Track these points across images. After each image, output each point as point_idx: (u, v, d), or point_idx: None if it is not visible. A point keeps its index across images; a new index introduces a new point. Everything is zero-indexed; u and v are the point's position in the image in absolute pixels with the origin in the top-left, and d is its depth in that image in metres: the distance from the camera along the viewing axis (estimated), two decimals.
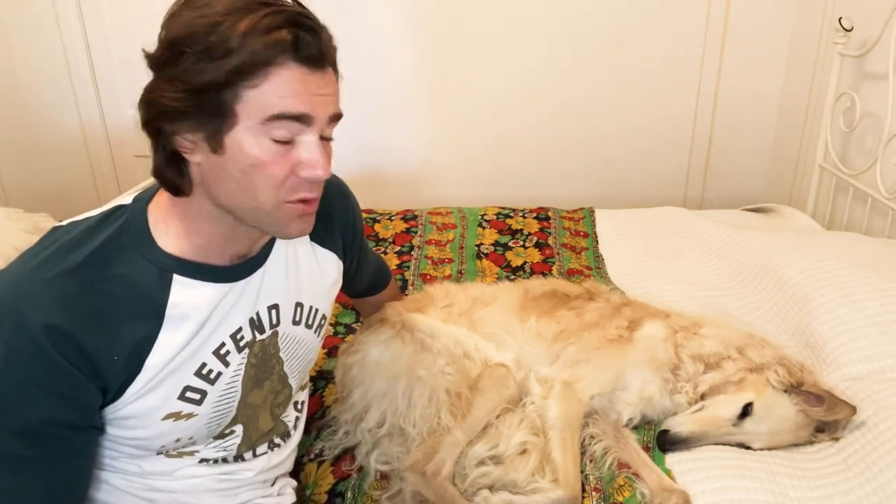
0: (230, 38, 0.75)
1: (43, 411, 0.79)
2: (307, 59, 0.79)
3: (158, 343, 0.86)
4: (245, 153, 0.79)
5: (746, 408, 1.28)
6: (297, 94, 0.78)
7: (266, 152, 0.79)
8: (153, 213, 0.89)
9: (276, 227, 0.87)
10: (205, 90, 0.76)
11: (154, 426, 0.89)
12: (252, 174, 0.80)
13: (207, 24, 0.75)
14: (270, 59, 0.76)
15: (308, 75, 0.79)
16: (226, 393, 0.95)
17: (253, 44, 0.75)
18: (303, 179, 0.82)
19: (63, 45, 2.59)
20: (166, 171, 0.84)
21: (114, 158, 2.79)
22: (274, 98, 0.78)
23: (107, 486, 0.95)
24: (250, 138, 0.79)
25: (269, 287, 0.98)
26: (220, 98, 0.77)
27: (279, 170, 0.81)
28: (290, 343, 1.04)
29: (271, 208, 0.83)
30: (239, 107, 0.77)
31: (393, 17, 2.52)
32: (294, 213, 0.85)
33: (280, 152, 0.80)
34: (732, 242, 1.94)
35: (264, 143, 0.79)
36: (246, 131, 0.79)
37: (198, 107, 0.77)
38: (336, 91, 0.84)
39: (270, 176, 0.81)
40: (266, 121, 0.78)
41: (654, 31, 2.51)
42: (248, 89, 0.77)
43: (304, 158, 0.81)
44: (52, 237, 0.86)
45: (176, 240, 0.88)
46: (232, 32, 0.75)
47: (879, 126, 1.96)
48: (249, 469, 1.05)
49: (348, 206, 1.15)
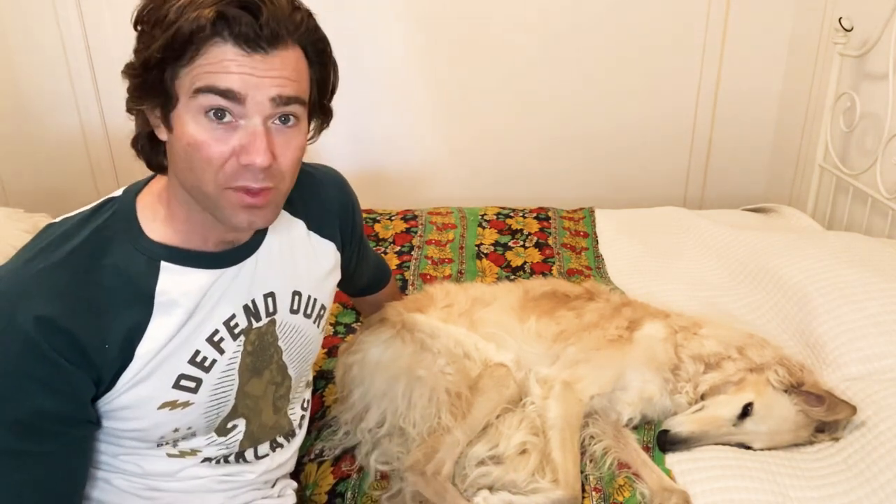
0: (168, 15, 0.76)
1: (36, 404, 0.79)
2: (242, 38, 0.76)
3: (149, 330, 0.86)
4: (184, 132, 0.79)
5: (746, 408, 1.28)
6: (227, 70, 0.76)
7: (202, 131, 0.78)
8: (142, 202, 0.90)
9: (222, 215, 0.84)
10: (147, 67, 0.78)
11: (150, 416, 0.89)
12: (191, 154, 0.79)
13: (160, 1, 0.77)
14: (197, 36, 0.75)
15: (242, 55, 0.77)
16: (222, 381, 0.95)
17: (182, 20, 0.75)
18: (241, 167, 0.79)
19: (63, 45, 2.58)
20: (142, 144, 0.86)
21: (114, 158, 2.79)
22: (203, 73, 0.76)
23: (107, 485, 0.95)
24: (187, 116, 0.78)
25: (264, 274, 0.98)
26: (161, 76, 0.78)
27: (215, 152, 0.78)
28: (289, 332, 1.04)
29: (212, 193, 0.81)
30: (177, 84, 0.78)
31: (392, 17, 2.52)
32: (237, 203, 0.82)
33: (217, 134, 0.78)
34: (732, 242, 1.94)
35: (201, 121, 0.78)
36: (185, 110, 0.78)
37: (145, 84, 0.79)
38: (288, 75, 0.80)
39: (206, 158, 0.79)
40: (194, 93, 0.77)
41: (655, 31, 2.51)
42: (183, 67, 0.77)
43: (242, 143, 0.79)
44: (45, 233, 0.87)
45: (163, 227, 0.89)
46: (171, 9, 0.75)
47: (879, 126, 1.96)
48: (252, 471, 1.05)
49: (345, 197, 1.15)
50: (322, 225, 1.09)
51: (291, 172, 0.85)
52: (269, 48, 0.78)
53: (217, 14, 0.75)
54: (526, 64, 2.58)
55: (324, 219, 1.09)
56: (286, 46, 0.79)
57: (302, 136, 0.85)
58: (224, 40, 0.76)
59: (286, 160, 0.83)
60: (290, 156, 0.83)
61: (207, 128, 0.78)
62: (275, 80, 0.78)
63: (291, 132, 0.83)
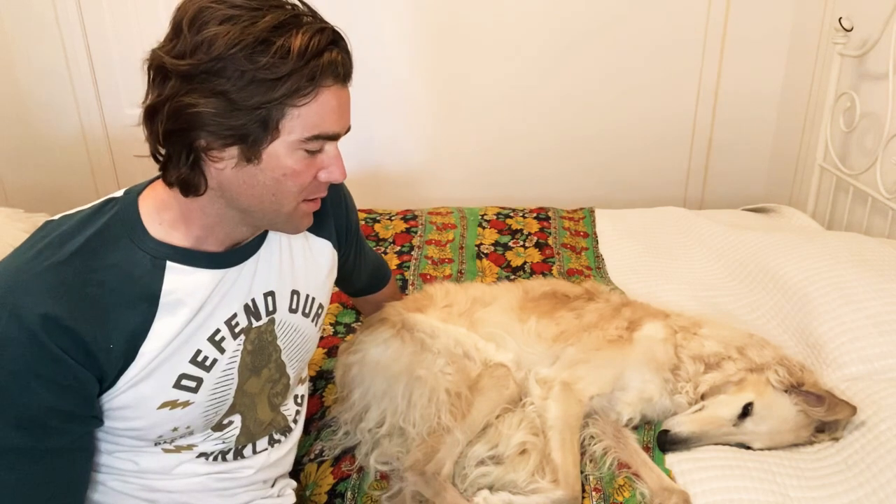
0: (285, 60, 0.77)
1: (41, 401, 0.79)
2: (344, 77, 0.84)
3: (154, 330, 0.86)
4: (281, 164, 0.84)
5: (746, 408, 1.28)
6: (334, 112, 0.84)
7: (298, 163, 0.85)
8: (144, 203, 0.90)
9: (289, 226, 0.93)
10: (255, 108, 0.79)
11: (149, 415, 0.89)
12: (284, 182, 0.85)
13: (254, 41, 0.76)
14: (321, 81, 0.81)
15: (341, 91, 0.85)
16: (222, 380, 0.96)
17: (309, 66, 0.79)
18: (321, 182, 0.89)
19: (63, 45, 2.58)
20: (185, 175, 0.84)
21: (114, 158, 2.79)
22: (316, 118, 0.82)
23: (104, 487, 0.95)
24: (287, 151, 0.83)
25: (264, 274, 0.99)
26: (267, 115, 0.80)
27: (307, 177, 0.87)
28: (288, 331, 1.05)
29: (290, 210, 0.89)
30: (283, 123, 0.81)
31: (392, 17, 2.52)
32: (306, 212, 0.93)
33: (308, 162, 0.86)
34: (732, 242, 1.94)
35: (299, 155, 0.84)
36: (285, 145, 0.83)
37: (243, 122, 0.79)
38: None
39: (299, 183, 0.86)
40: (306, 140, 0.83)
41: (654, 30, 2.51)
42: (294, 108, 0.81)
43: (326, 165, 0.88)
44: (43, 231, 0.87)
45: (170, 230, 0.89)
46: (286, 53, 0.77)
47: (879, 126, 1.96)
48: (249, 467, 1.05)
49: (339, 194, 1.16)
50: (317, 224, 1.09)
51: None
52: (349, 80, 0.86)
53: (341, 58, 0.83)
54: (526, 64, 2.58)
55: (319, 217, 1.09)
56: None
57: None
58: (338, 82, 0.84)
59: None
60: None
61: (302, 158, 0.85)
62: (349, 111, 0.88)
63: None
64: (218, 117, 0.78)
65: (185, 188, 0.85)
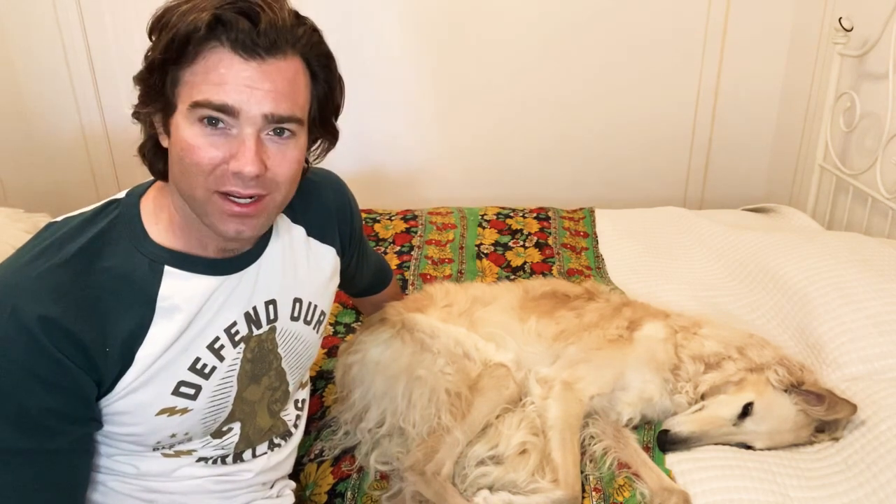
0: (171, 19, 0.77)
1: (40, 403, 0.79)
2: (240, 44, 0.76)
3: (150, 335, 0.86)
4: (180, 137, 0.80)
5: (747, 408, 1.28)
6: (223, 81, 0.77)
7: (195, 136, 0.79)
8: (145, 205, 0.90)
9: (210, 222, 0.84)
10: (151, 69, 0.79)
11: (148, 422, 0.89)
12: (184, 158, 0.80)
13: (170, 7, 0.78)
14: (194, 38, 0.76)
15: (239, 62, 0.77)
16: (221, 388, 0.95)
17: (181, 22, 0.76)
18: (231, 172, 0.80)
19: (63, 45, 2.58)
20: (147, 151, 0.87)
21: (114, 158, 2.79)
22: (201, 83, 0.77)
23: (104, 487, 0.95)
24: (184, 123, 0.79)
25: (266, 282, 0.98)
26: (163, 81, 0.79)
27: (205, 156, 0.79)
28: (289, 339, 1.04)
29: (201, 197, 0.82)
30: (177, 91, 0.79)
31: (392, 17, 2.52)
32: (225, 210, 0.82)
33: (211, 140, 0.79)
34: (732, 242, 1.94)
35: (195, 128, 0.79)
36: (182, 116, 0.80)
37: (149, 89, 0.80)
38: (282, 88, 0.80)
39: (197, 161, 0.79)
40: (191, 107, 0.78)
41: (655, 30, 2.51)
42: (183, 71, 0.78)
43: (232, 151, 0.79)
44: (46, 232, 0.87)
45: (166, 231, 0.89)
46: (175, 13, 0.77)
47: (879, 126, 1.96)
48: (248, 470, 1.05)
49: (345, 200, 1.15)
50: (321, 230, 1.08)
51: (287, 184, 0.86)
52: (267, 55, 0.78)
53: (214, 17, 0.76)
54: (526, 64, 2.58)
55: (323, 224, 1.09)
56: (284, 56, 0.80)
57: (298, 149, 0.85)
58: (222, 45, 0.77)
59: (281, 171, 0.83)
60: (285, 167, 0.84)
61: (201, 133, 0.79)
62: (268, 93, 0.79)
63: (287, 144, 0.83)
64: (140, 83, 0.82)
65: (153, 169, 0.88)
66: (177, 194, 0.86)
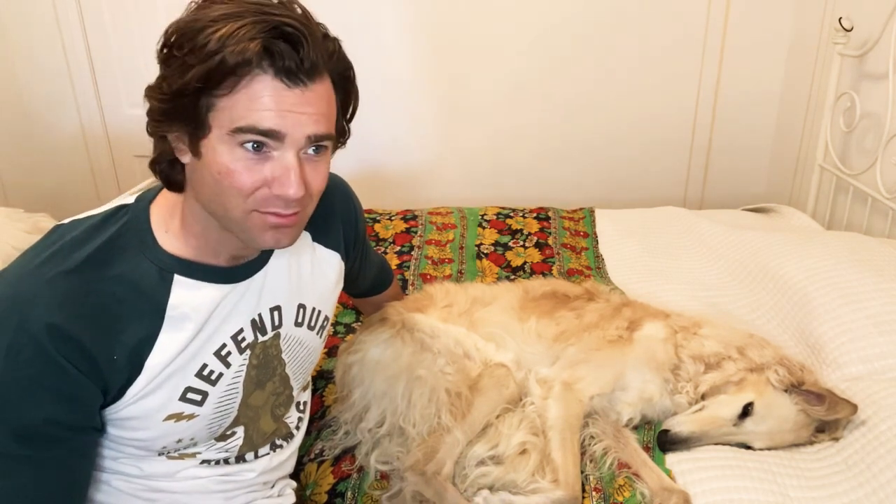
0: (208, 44, 0.74)
1: (43, 411, 0.79)
2: (284, 71, 0.76)
3: (159, 343, 0.86)
4: (216, 160, 0.79)
5: (747, 408, 1.28)
6: (267, 108, 0.76)
7: (235, 162, 0.78)
8: (155, 212, 0.89)
9: (246, 236, 0.85)
10: (181, 95, 0.76)
11: (155, 427, 0.89)
12: (221, 181, 0.79)
13: (196, 28, 0.75)
14: (241, 69, 0.75)
15: (283, 90, 0.77)
16: (227, 394, 0.95)
17: (226, 52, 0.73)
18: (274, 195, 0.80)
19: (63, 45, 2.59)
20: (162, 166, 0.85)
21: (114, 158, 2.79)
22: (243, 110, 0.76)
23: (107, 487, 0.95)
24: (222, 147, 0.78)
25: (272, 289, 0.98)
26: (196, 104, 0.77)
27: (247, 181, 0.79)
28: (293, 345, 1.04)
29: (239, 217, 0.82)
30: (212, 115, 0.77)
31: (392, 17, 2.52)
32: (264, 224, 0.83)
33: (251, 164, 0.79)
34: (732, 242, 1.94)
35: (236, 152, 0.78)
36: (218, 140, 0.78)
37: (176, 111, 0.78)
38: (323, 110, 0.81)
39: (238, 186, 0.79)
40: (233, 132, 0.77)
41: (654, 31, 2.51)
42: (220, 98, 0.76)
43: (275, 175, 0.79)
44: (54, 236, 0.86)
45: (176, 240, 0.88)
46: (211, 38, 0.74)
47: (879, 126, 1.96)
48: (251, 470, 1.05)
49: (350, 204, 1.15)
50: (326, 235, 1.08)
51: (319, 195, 0.87)
52: (308, 81, 0.78)
53: (263, 48, 0.74)
54: (527, 65, 2.58)
55: (328, 228, 1.08)
56: (322, 79, 0.80)
57: (328, 161, 0.87)
58: (265, 73, 0.76)
59: (316, 185, 0.84)
60: (318, 182, 0.85)
61: (241, 157, 0.78)
62: (311, 116, 0.79)
63: (320, 160, 0.84)
64: (159, 104, 0.79)
65: (164, 180, 0.87)
66: (196, 206, 0.86)
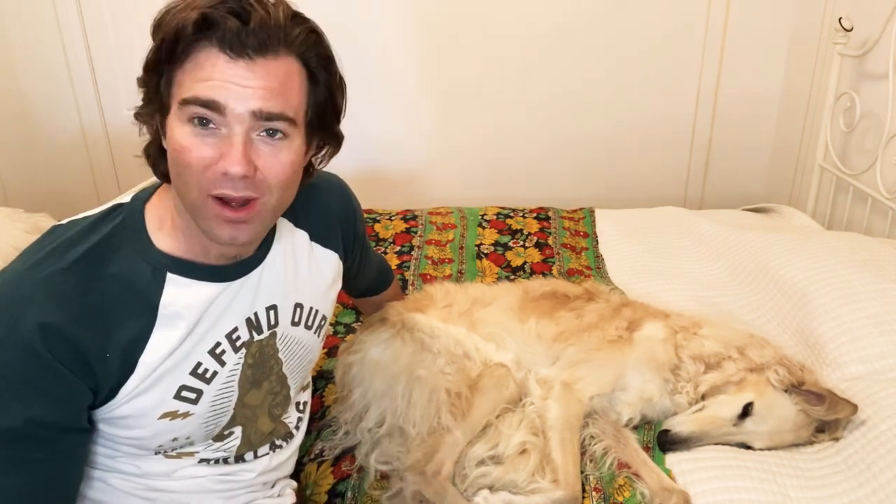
0: (163, 19, 0.78)
1: (32, 413, 0.78)
2: (227, 43, 0.76)
3: (152, 342, 0.86)
4: (173, 137, 0.79)
5: (747, 407, 1.28)
6: (209, 78, 0.76)
7: (185, 136, 0.78)
8: (150, 211, 0.89)
9: (206, 227, 0.83)
10: (147, 71, 0.80)
11: (150, 425, 0.89)
12: (178, 159, 0.79)
13: (164, 9, 0.79)
14: (184, 37, 0.76)
15: (226, 61, 0.76)
16: (222, 392, 0.95)
17: (172, 22, 0.77)
18: (221, 174, 0.79)
19: (63, 45, 2.59)
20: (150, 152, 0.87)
21: (114, 158, 2.79)
22: (189, 81, 0.77)
23: (105, 485, 0.95)
24: (176, 122, 0.79)
25: (268, 287, 0.98)
26: (158, 83, 0.80)
27: (196, 156, 0.78)
28: (290, 344, 1.04)
29: (196, 200, 0.81)
30: (171, 91, 0.79)
31: (392, 17, 2.52)
32: (218, 215, 0.81)
33: (200, 140, 0.78)
34: (732, 242, 1.94)
35: (186, 128, 0.78)
36: (175, 116, 0.79)
37: (147, 91, 0.81)
38: (273, 87, 0.78)
39: (188, 162, 0.78)
40: (180, 104, 0.78)
41: (654, 30, 2.51)
42: (174, 71, 0.79)
43: (222, 151, 0.78)
44: (51, 236, 0.86)
45: (170, 238, 0.88)
46: (170, 13, 0.77)
47: (879, 126, 1.96)
48: (250, 470, 1.05)
49: (349, 204, 1.14)
50: (325, 235, 1.08)
51: (280, 187, 0.83)
52: (255, 55, 0.77)
53: (202, 16, 0.76)
54: (526, 64, 2.58)
55: (326, 229, 1.08)
56: (276, 56, 0.79)
57: (293, 152, 0.83)
58: (210, 44, 0.77)
59: (272, 173, 0.81)
60: (277, 169, 0.82)
61: (191, 133, 0.78)
62: (256, 90, 0.77)
63: (279, 145, 0.81)
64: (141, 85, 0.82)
65: (156, 169, 0.88)
66: (177, 198, 0.86)
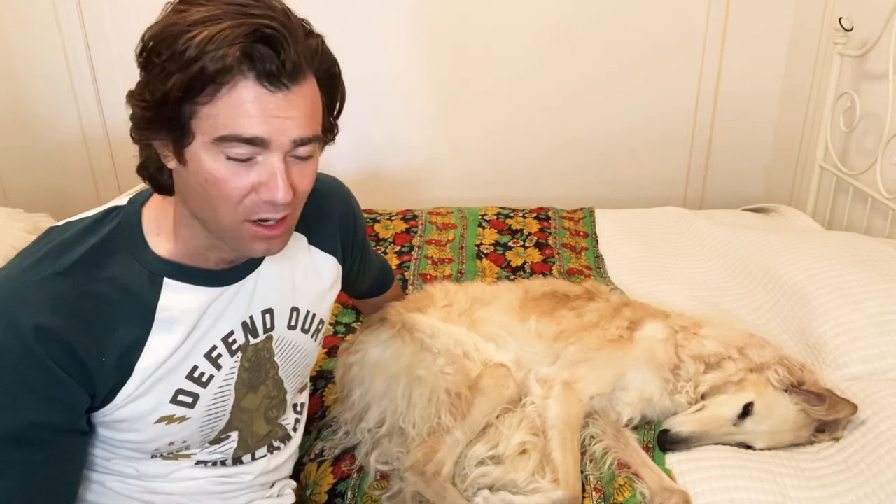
0: (187, 51, 0.72)
1: (30, 415, 0.78)
2: (266, 76, 0.74)
3: (148, 346, 0.86)
4: (202, 168, 0.77)
5: (747, 407, 1.28)
6: (250, 115, 0.74)
7: (221, 169, 0.77)
8: (147, 215, 0.89)
9: (237, 245, 0.84)
10: (164, 102, 0.74)
11: (147, 429, 0.89)
12: (209, 189, 0.78)
13: (175, 32, 0.73)
14: (221, 76, 0.72)
15: (266, 95, 0.75)
16: (218, 396, 0.95)
17: (205, 59, 0.71)
18: (262, 200, 0.79)
19: (63, 45, 2.58)
20: (150, 171, 0.85)
21: (114, 158, 2.79)
22: (226, 118, 0.74)
23: (103, 488, 0.95)
24: (206, 155, 0.76)
25: (264, 291, 0.97)
26: (178, 112, 0.75)
27: (235, 188, 0.78)
28: (286, 348, 1.04)
29: (230, 226, 0.81)
30: (195, 122, 0.75)
31: (392, 17, 2.52)
32: (254, 234, 0.82)
33: (237, 171, 0.77)
34: (732, 242, 1.94)
35: (220, 160, 0.76)
36: (202, 147, 0.76)
37: (159, 118, 0.76)
38: (307, 112, 0.79)
39: (226, 194, 0.78)
40: (217, 140, 0.75)
41: (655, 30, 2.51)
42: (202, 105, 0.74)
43: (262, 180, 0.78)
44: (47, 238, 0.86)
45: (167, 242, 0.88)
46: (190, 44, 0.71)
47: (879, 126, 1.96)
48: (248, 472, 1.05)
49: (349, 209, 1.13)
50: (323, 239, 1.07)
51: (306, 196, 0.86)
52: (291, 84, 0.76)
53: (243, 53, 0.72)
54: (526, 64, 2.58)
55: (325, 232, 1.07)
56: (306, 79, 0.78)
57: (316, 163, 0.85)
58: (246, 78, 0.74)
59: (303, 188, 0.83)
60: (305, 185, 0.83)
61: (226, 166, 0.77)
62: (296, 120, 0.77)
63: (307, 163, 0.83)
64: (141, 111, 0.77)
65: (157, 187, 0.86)
66: (185, 210, 0.85)
